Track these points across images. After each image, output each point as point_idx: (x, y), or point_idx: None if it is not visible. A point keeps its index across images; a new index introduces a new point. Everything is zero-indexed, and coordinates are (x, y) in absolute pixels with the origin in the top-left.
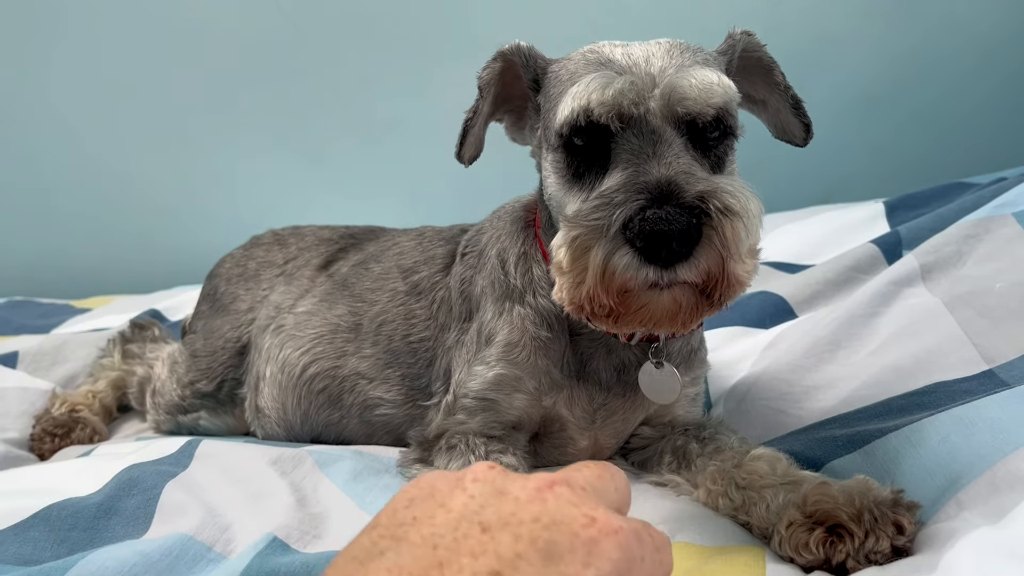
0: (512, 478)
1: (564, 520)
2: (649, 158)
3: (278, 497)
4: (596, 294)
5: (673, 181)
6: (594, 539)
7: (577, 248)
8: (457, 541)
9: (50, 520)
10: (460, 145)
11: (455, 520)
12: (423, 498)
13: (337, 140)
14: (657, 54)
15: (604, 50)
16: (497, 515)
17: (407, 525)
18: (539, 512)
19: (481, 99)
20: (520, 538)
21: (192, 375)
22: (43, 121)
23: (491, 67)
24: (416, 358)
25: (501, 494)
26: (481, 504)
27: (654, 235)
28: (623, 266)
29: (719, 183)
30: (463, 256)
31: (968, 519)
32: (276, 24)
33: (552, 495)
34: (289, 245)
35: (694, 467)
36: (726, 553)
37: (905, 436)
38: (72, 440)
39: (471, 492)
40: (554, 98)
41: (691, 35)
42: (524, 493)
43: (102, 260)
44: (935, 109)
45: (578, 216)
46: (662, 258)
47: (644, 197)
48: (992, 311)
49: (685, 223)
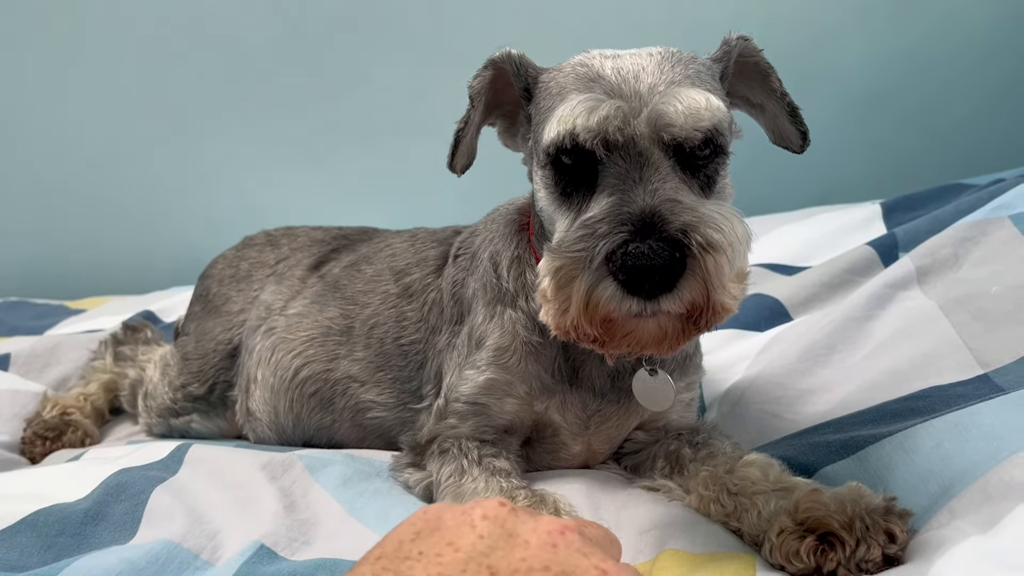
0: (522, 519)
1: (575, 571)
2: (635, 183)
3: (266, 503)
4: (580, 323)
5: (657, 212)
6: None
7: (561, 278)
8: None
9: (37, 526)
10: (452, 155)
11: (463, 561)
12: (430, 531)
13: (333, 141)
14: (648, 68)
15: (594, 63)
16: (507, 561)
17: (412, 560)
18: (549, 560)
19: (472, 108)
20: None
21: (184, 378)
22: (38, 123)
23: (482, 76)
24: (407, 361)
25: (511, 536)
26: (490, 546)
27: (636, 269)
28: (606, 297)
29: (703, 213)
30: (456, 258)
31: (960, 527)
32: (272, 26)
33: (563, 542)
34: (281, 246)
35: (687, 472)
36: (716, 560)
37: (899, 442)
38: (63, 443)
39: (480, 531)
40: (544, 112)
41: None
42: (535, 537)
43: (97, 261)
44: (933, 109)
45: (561, 246)
46: (645, 290)
47: (627, 230)
48: (988, 315)
49: (667, 258)
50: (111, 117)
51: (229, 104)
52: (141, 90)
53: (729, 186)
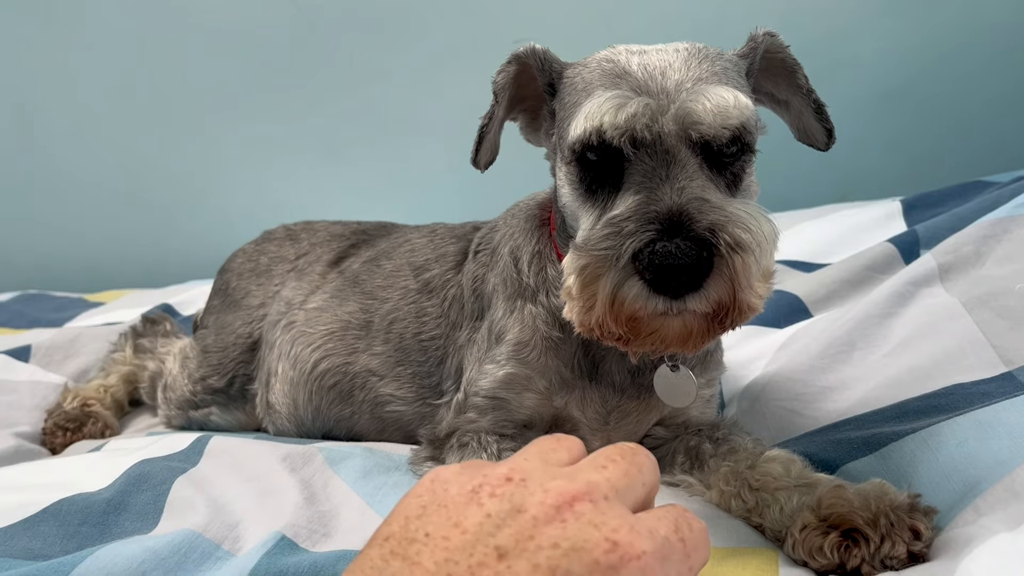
0: (530, 490)
1: (584, 546)
2: (662, 181)
3: (287, 494)
4: (605, 321)
5: (684, 211)
6: (614, 567)
7: (587, 276)
8: (472, 570)
9: (60, 515)
10: (476, 151)
11: (470, 543)
12: (436, 507)
13: (350, 136)
14: (675, 64)
15: (620, 59)
16: (514, 538)
17: (419, 543)
18: (558, 536)
19: (496, 104)
20: (538, 568)
21: (203, 371)
22: (58, 117)
23: (506, 71)
24: (427, 356)
25: (518, 512)
26: (497, 525)
27: (663, 268)
28: (632, 296)
29: (731, 212)
30: (476, 254)
31: (986, 525)
32: (290, 20)
33: (572, 514)
34: (301, 240)
35: (707, 468)
36: (739, 555)
37: (922, 439)
38: (84, 434)
39: (487, 509)
40: (569, 107)
41: (708, 30)
42: (542, 511)
43: (115, 254)
44: (954, 105)
45: (588, 244)
46: (671, 289)
47: (654, 228)
48: (1012, 312)
49: (694, 257)
50: (130, 112)
51: (247, 99)
52: (160, 84)
53: (755, 183)
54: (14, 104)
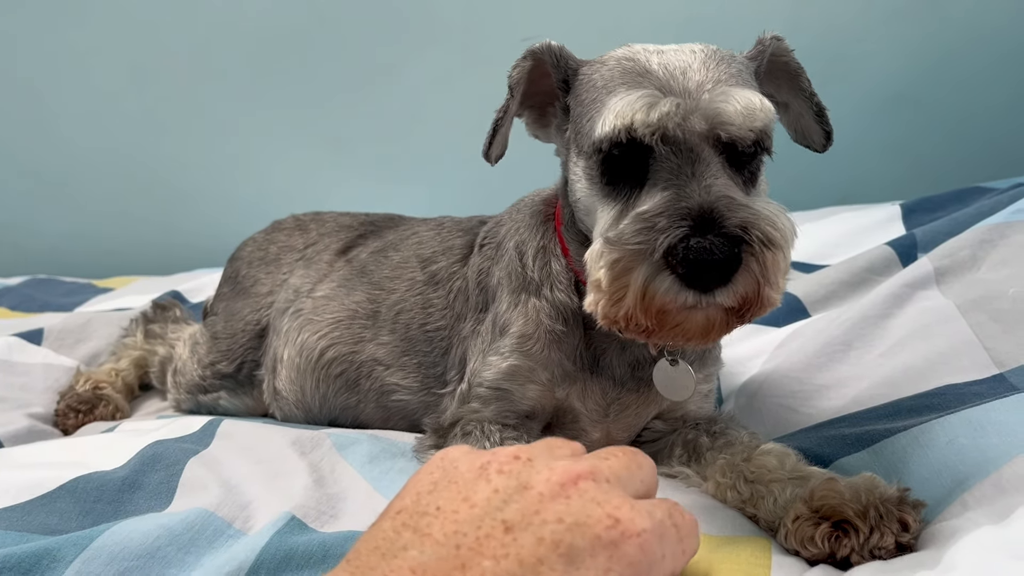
0: (537, 468)
1: (587, 522)
2: (689, 178)
3: (297, 477)
4: (635, 314)
5: (715, 208)
6: (615, 542)
7: (619, 270)
8: (479, 541)
9: (76, 492)
10: (489, 144)
11: (478, 517)
12: (447, 483)
13: (360, 127)
14: (693, 65)
15: (639, 57)
16: (521, 513)
17: (430, 516)
18: (563, 512)
19: (511, 98)
20: (543, 541)
21: (212, 356)
22: (69, 104)
23: (521, 66)
24: (432, 347)
25: (525, 488)
26: (504, 500)
27: (698, 264)
28: (664, 289)
29: (759, 210)
30: (481, 247)
31: (972, 518)
32: (300, 11)
33: (576, 492)
34: (309, 230)
35: (704, 460)
36: (733, 543)
37: (914, 436)
38: (95, 416)
39: (495, 485)
40: (588, 104)
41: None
42: (548, 488)
43: (125, 241)
44: (955, 111)
45: (621, 238)
46: (702, 284)
47: (687, 224)
48: (1005, 316)
49: (728, 253)
50: (142, 99)
51: (258, 89)
52: (172, 73)
53: (765, 182)
54: (26, 90)
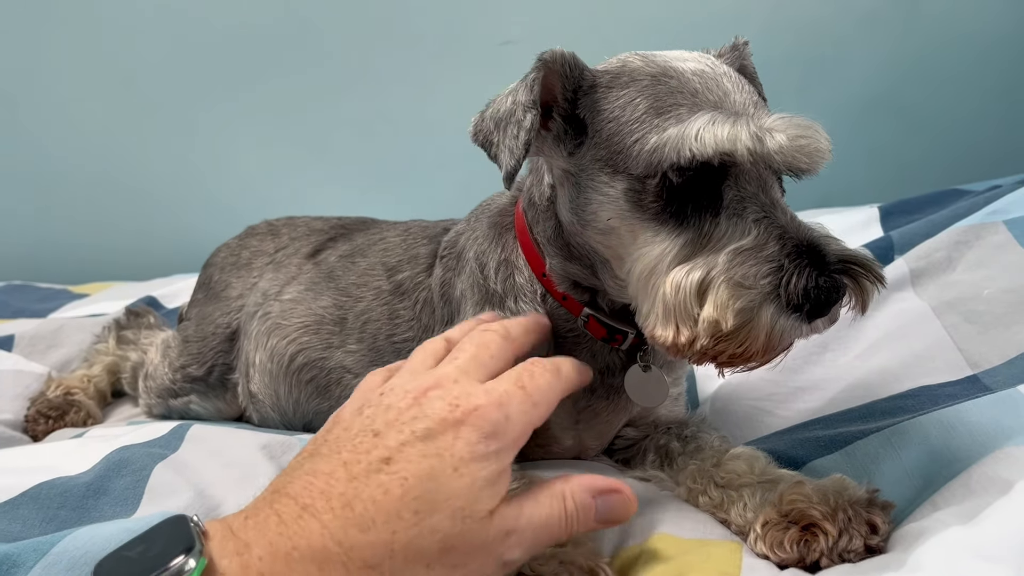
0: (396, 395)
1: (434, 412)
2: (771, 207)
3: (267, 480)
4: (754, 352)
5: (815, 241)
6: (459, 420)
7: (748, 314)
8: (355, 447)
9: (39, 499)
10: (518, 165)
11: (354, 435)
12: (334, 426)
13: (336, 131)
14: (722, 84)
15: (673, 72)
16: (385, 423)
17: (320, 444)
18: (416, 413)
19: (536, 114)
20: (402, 432)
21: (183, 359)
22: (43, 108)
23: (538, 77)
24: (400, 358)
25: (387, 409)
26: (372, 419)
27: (828, 303)
28: (790, 328)
29: (844, 244)
30: (442, 258)
31: (940, 519)
32: (277, 15)
33: (426, 399)
34: (281, 235)
35: (676, 465)
36: (704, 546)
37: (885, 438)
38: (66, 423)
39: (366, 415)
40: (629, 123)
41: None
42: (405, 403)
43: (101, 247)
44: (933, 114)
45: (747, 280)
46: (816, 317)
47: (807, 262)
48: (979, 317)
49: (845, 289)
50: (118, 105)
51: (233, 93)
52: (146, 77)
53: None
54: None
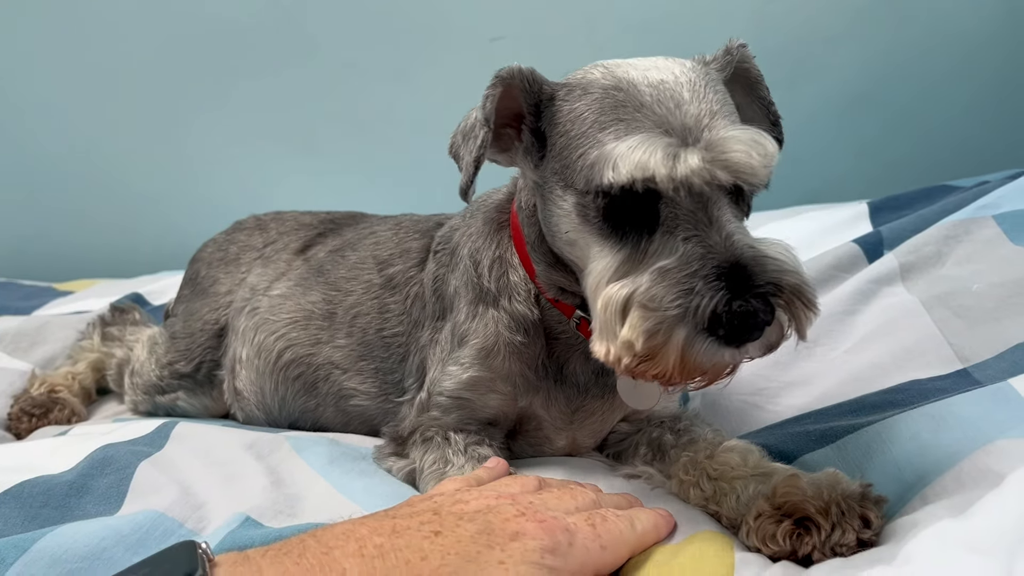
0: (471, 494)
1: (502, 512)
2: (707, 226)
3: (254, 479)
4: (671, 374)
5: (744, 263)
6: (523, 527)
7: (659, 336)
8: (412, 515)
9: (22, 497)
10: (470, 182)
11: (416, 510)
12: (398, 506)
13: (323, 128)
14: (683, 94)
15: (627, 86)
16: (450, 511)
17: (378, 511)
18: (483, 508)
19: (488, 130)
20: (462, 517)
21: (171, 356)
22: (28, 105)
23: (492, 95)
24: (389, 352)
25: (457, 501)
26: (439, 503)
27: (742, 328)
28: (703, 351)
29: (782, 262)
30: (435, 253)
31: (932, 512)
32: (264, 11)
33: (497, 502)
34: (269, 230)
35: (668, 458)
36: (697, 540)
37: (877, 432)
38: (50, 420)
39: (435, 500)
40: (577, 138)
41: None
42: (476, 502)
43: (86, 244)
44: (921, 111)
45: (656, 302)
46: (740, 342)
47: (723, 285)
48: (969, 311)
49: (769, 315)
50: (102, 100)
51: (220, 89)
52: (132, 73)
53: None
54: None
